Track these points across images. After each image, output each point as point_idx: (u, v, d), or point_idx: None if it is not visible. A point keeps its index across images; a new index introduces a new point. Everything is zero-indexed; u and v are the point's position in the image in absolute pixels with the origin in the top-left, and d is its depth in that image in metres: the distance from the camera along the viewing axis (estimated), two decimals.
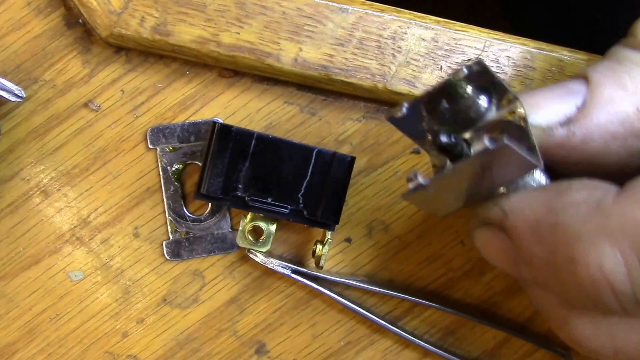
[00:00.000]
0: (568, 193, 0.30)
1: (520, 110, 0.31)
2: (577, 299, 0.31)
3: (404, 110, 0.32)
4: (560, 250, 0.30)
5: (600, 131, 0.32)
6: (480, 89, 0.32)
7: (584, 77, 0.33)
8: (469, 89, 0.32)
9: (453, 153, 0.32)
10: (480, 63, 0.31)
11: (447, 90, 0.32)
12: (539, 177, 0.34)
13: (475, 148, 0.32)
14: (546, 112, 0.32)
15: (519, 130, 0.31)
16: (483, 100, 0.32)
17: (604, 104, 0.32)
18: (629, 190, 0.30)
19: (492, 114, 0.32)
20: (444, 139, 0.31)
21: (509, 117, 0.32)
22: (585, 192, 0.30)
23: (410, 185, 0.30)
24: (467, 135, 0.33)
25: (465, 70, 0.31)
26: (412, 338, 0.40)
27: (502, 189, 0.33)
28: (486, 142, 0.29)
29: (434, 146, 0.32)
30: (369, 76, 0.38)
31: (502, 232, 0.33)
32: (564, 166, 0.33)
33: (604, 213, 0.29)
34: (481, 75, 0.31)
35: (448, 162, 0.33)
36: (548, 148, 0.32)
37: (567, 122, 0.32)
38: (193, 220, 0.40)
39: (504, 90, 0.32)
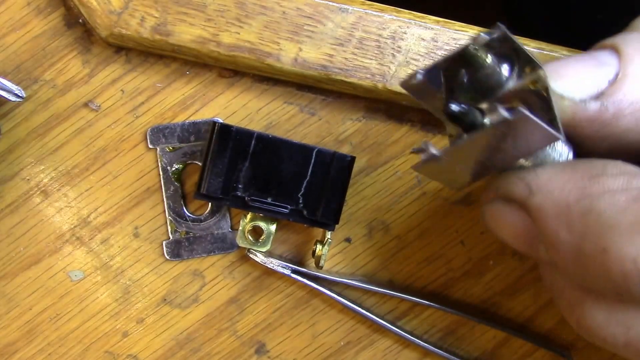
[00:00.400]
0: (604, 178, 0.29)
1: (544, 80, 0.29)
2: (599, 287, 0.30)
3: (419, 77, 0.30)
4: (591, 239, 0.29)
5: (631, 108, 0.31)
6: (502, 57, 0.30)
7: (613, 49, 0.31)
8: (489, 58, 0.30)
9: (465, 122, 0.30)
10: (500, 28, 0.28)
11: (466, 57, 0.30)
12: (561, 148, 0.32)
13: (492, 118, 0.29)
14: (578, 84, 0.31)
15: (542, 100, 0.30)
16: (505, 69, 0.30)
17: (637, 79, 0.31)
18: None
19: (513, 83, 0.30)
20: (454, 107, 0.29)
21: (532, 86, 0.29)
22: (623, 180, 0.29)
23: (422, 157, 0.28)
24: (485, 105, 0.30)
25: (485, 36, 0.29)
26: (412, 338, 0.40)
27: (522, 161, 0.32)
28: (503, 112, 0.27)
29: (445, 115, 0.30)
30: (368, 76, 0.38)
31: (522, 209, 0.31)
32: (589, 141, 0.32)
33: None
34: (502, 42, 0.29)
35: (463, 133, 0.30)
36: (578, 122, 0.31)
37: (600, 95, 0.31)
38: (193, 220, 0.40)
39: (527, 58, 0.30)
